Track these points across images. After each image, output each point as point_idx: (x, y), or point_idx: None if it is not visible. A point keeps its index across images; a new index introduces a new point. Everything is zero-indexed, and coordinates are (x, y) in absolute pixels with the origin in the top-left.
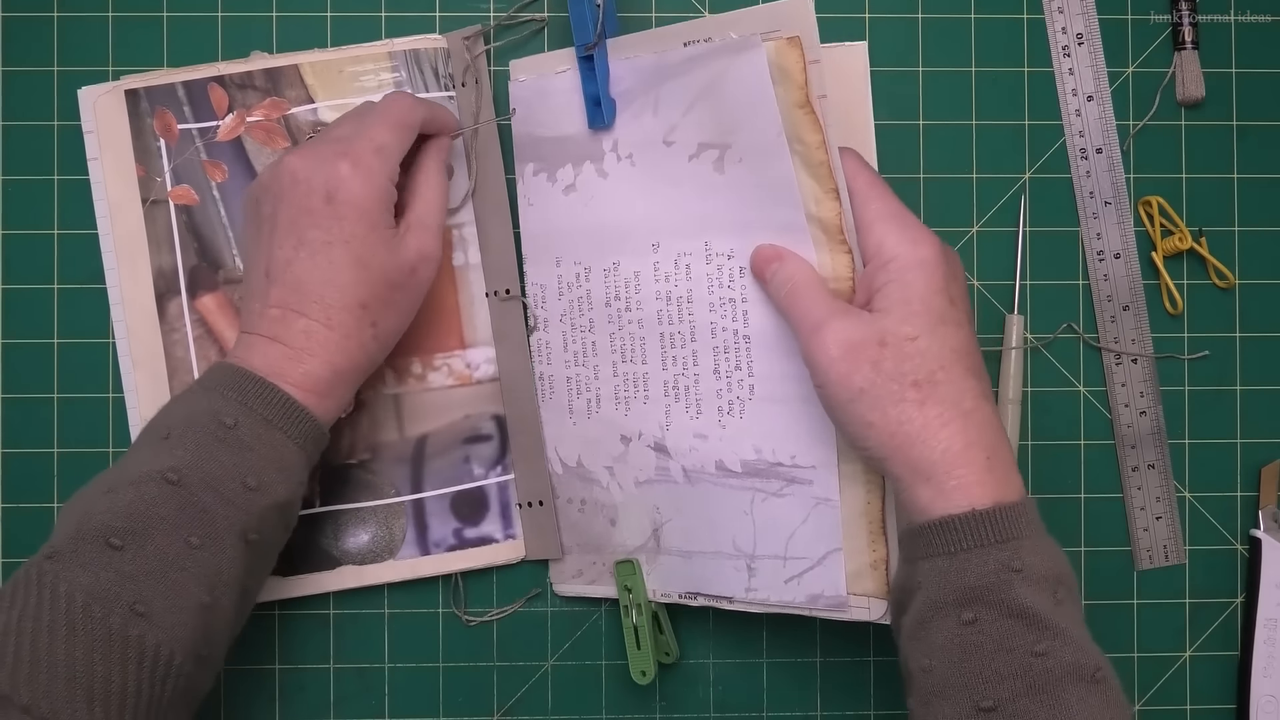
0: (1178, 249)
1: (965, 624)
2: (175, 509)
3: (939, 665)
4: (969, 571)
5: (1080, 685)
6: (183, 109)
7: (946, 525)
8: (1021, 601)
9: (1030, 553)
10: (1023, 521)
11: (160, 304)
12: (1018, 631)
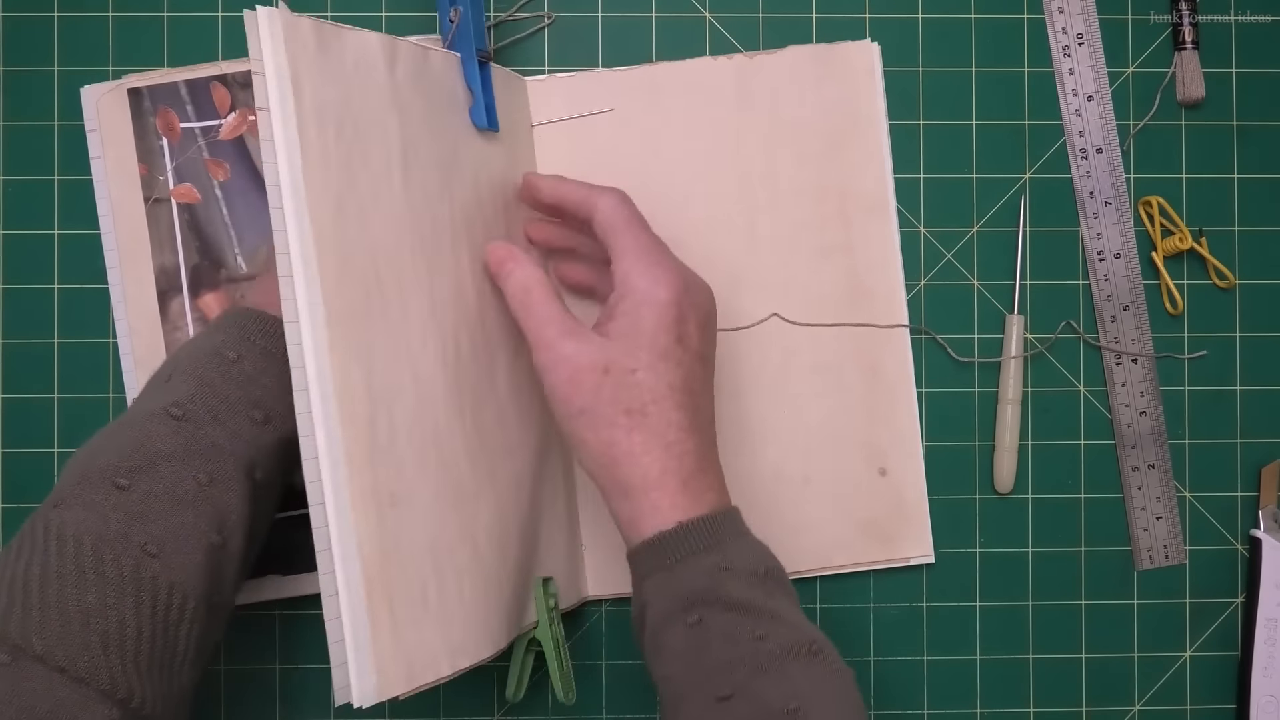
0: (1178, 249)
1: (691, 626)
2: (182, 445)
3: (676, 670)
4: (686, 578)
5: (800, 659)
6: (185, 107)
7: (658, 542)
8: (736, 595)
9: (737, 553)
10: (725, 528)
11: (162, 302)
12: (739, 622)
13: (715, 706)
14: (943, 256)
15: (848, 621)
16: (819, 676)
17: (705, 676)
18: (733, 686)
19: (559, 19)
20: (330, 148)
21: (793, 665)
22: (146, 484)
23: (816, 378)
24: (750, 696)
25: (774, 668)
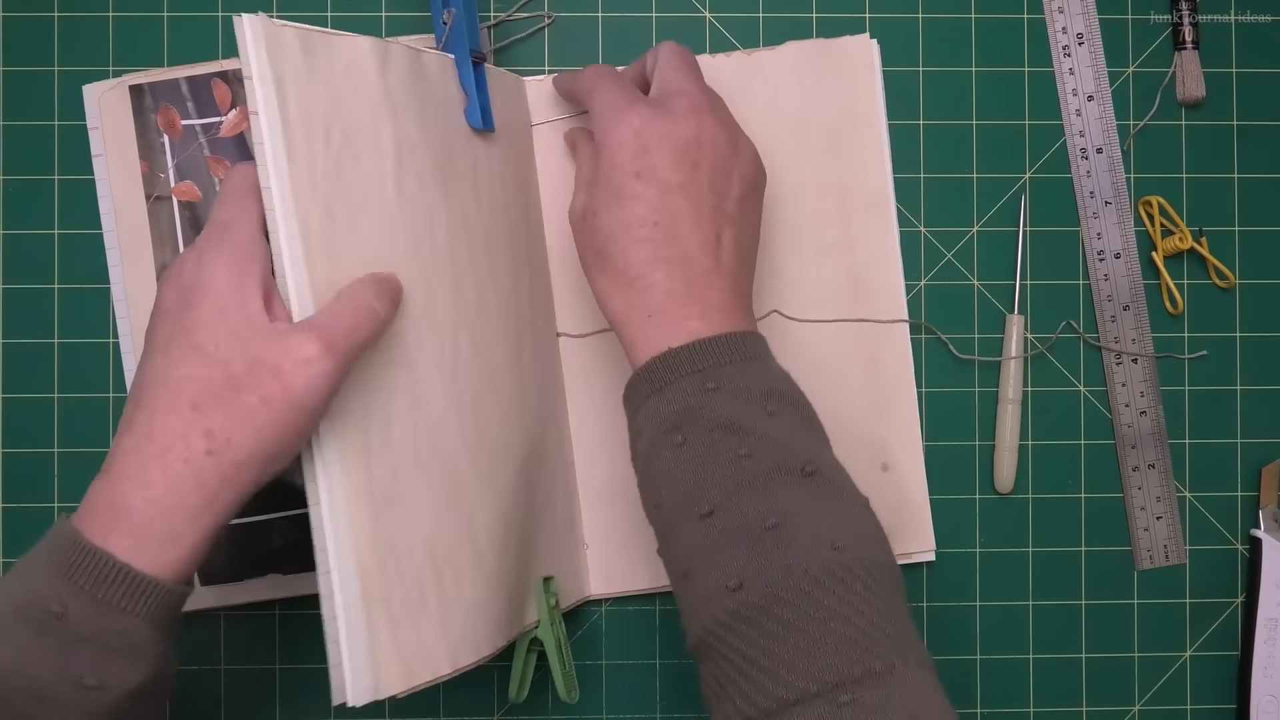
0: (1178, 249)
1: (677, 446)
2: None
3: (666, 493)
4: (672, 400)
5: (789, 478)
6: (186, 104)
7: (644, 371)
8: (722, 414)
9: (730, 374)
10: (716, 353)
11: None
12: (722, 440)
13: (697, 524)
14: (943, 256)
15: None
16: (809, 496)
17: (689, 495)
18: (712, 503)
19: (559, 19)
20: (318, 153)
21: (778, 483)
22: None
23: (818, 374)
24: (729, 510)
25: (756, 484)
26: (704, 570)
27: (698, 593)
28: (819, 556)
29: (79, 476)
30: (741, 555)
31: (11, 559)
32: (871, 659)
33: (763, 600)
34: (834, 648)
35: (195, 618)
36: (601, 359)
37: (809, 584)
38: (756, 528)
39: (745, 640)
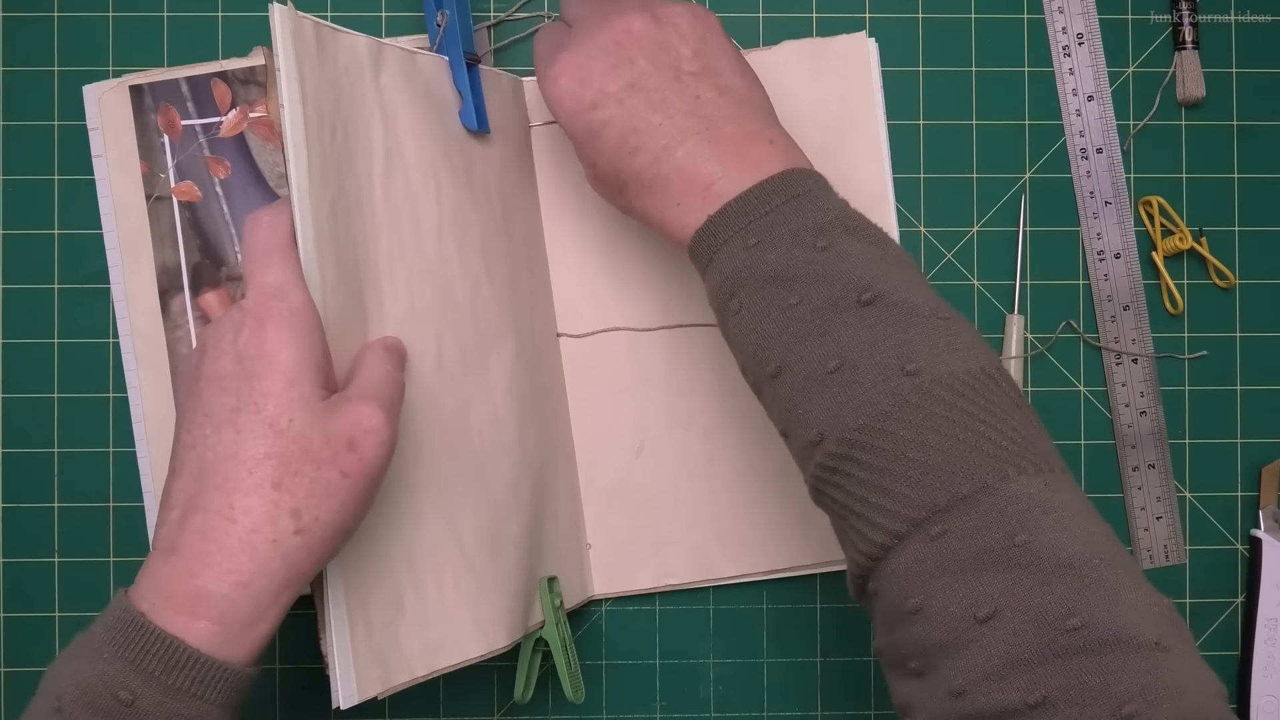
0: (1178, 249)
1: (736, 313)
2: None
3: (742, 360)
4: (721, 268)
5: (845, 313)
6: (186, 105)
7: (692, 252)
8: (768, 267)
9: (770, 223)
10: (750, 204)
11: (163, 301)
12: (772, 295)
13: (772, 385)
14: (943, 256)
15: (853, 619)
16: (869, 326)
17: (757, 359)
18: (778, 361)
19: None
20: (327, 150)
21: (833, 321)
22: None
23: None
24: (792, 364)
25: (812, 330)
26: (793, 428)
27: (795, 451)
28: (889, 386)
29: (78, 476)
30: (815, 406)
31: (11, 559)
32: (958, 482)
33: (840, 447)
34: (916, 480)
35: None
36: (602, 358)
37: (879, 419)
38: (820, 374)
39: (840, 490)
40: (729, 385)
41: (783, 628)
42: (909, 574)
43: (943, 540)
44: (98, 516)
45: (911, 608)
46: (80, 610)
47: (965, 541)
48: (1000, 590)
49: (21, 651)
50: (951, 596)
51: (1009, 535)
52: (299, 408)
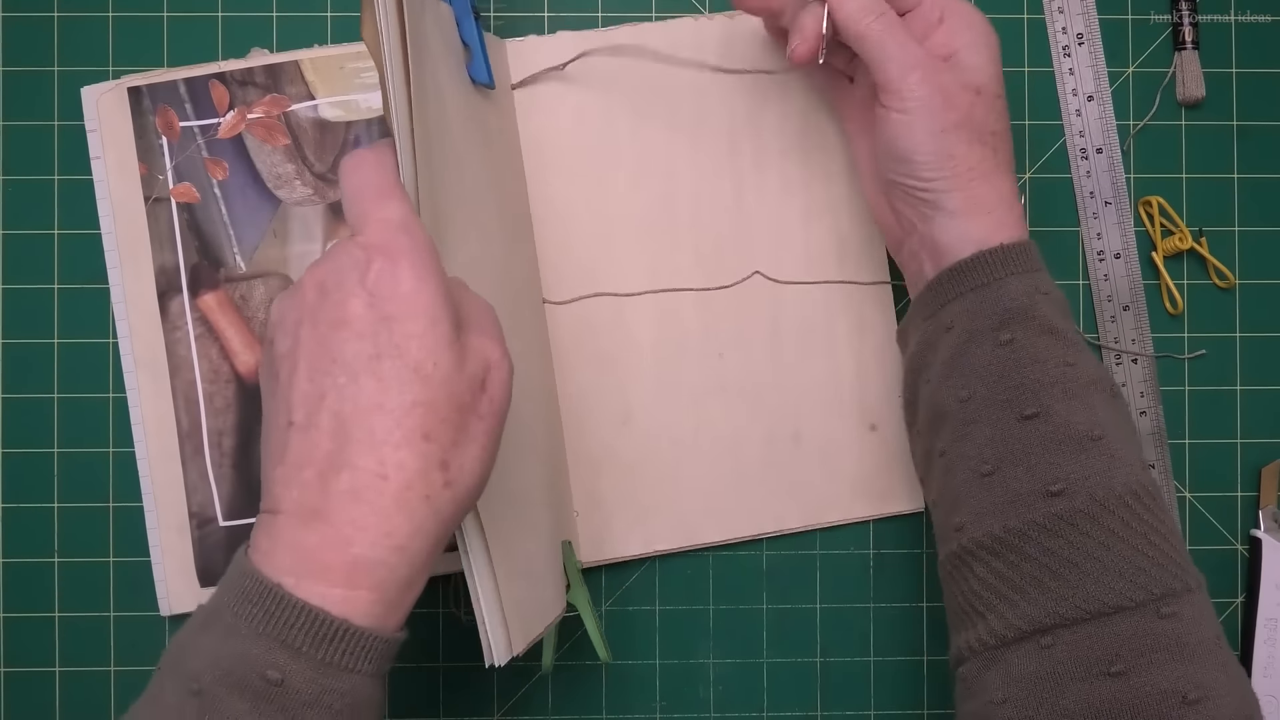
0: (1178, 249)
1: (1002, 344)
2: None
3: (979, 389)
4: (1005, 295)
5: (1104, 394)
6: (184, 106)
7: (981, 260)
8: (1051, 320)
9: (1050, 282)
10: (1039, 256)
11: (162, 302)
12: (1050, 345)
13: (1016, 425)
14: None
15: (854, 619)
16: (1119, 413)
17: (1011, 395)
18: (1039, 406)
19: (555, 18)
20: (416, 85)
21: (1097, 398)
22: None
23: (805, 337)
24: (1055, 417)
25: (1079, 394)
26: (1016, 470)
27: (1000, 493)
28: (1136, 473)
29: (78, 476)
30: (1068, 461)
31: (11, 559)
32: (1185, 575)
33: (1088, 507)
34: (1156, 561)
35: None
36: (588, 325)
37: (1130, 498)
38: (1082, 437)
39: (1067, 544)
40: (715, 352)
41: (783, 628)
42: (1126, 638)
43: (1170, 621)
44: (98, 516)
45: (1115, 671)
46: (80, 610)
47: (1186, 628)
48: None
49: (21, 651)
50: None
51: (1216, 635)
52: (443, 349)
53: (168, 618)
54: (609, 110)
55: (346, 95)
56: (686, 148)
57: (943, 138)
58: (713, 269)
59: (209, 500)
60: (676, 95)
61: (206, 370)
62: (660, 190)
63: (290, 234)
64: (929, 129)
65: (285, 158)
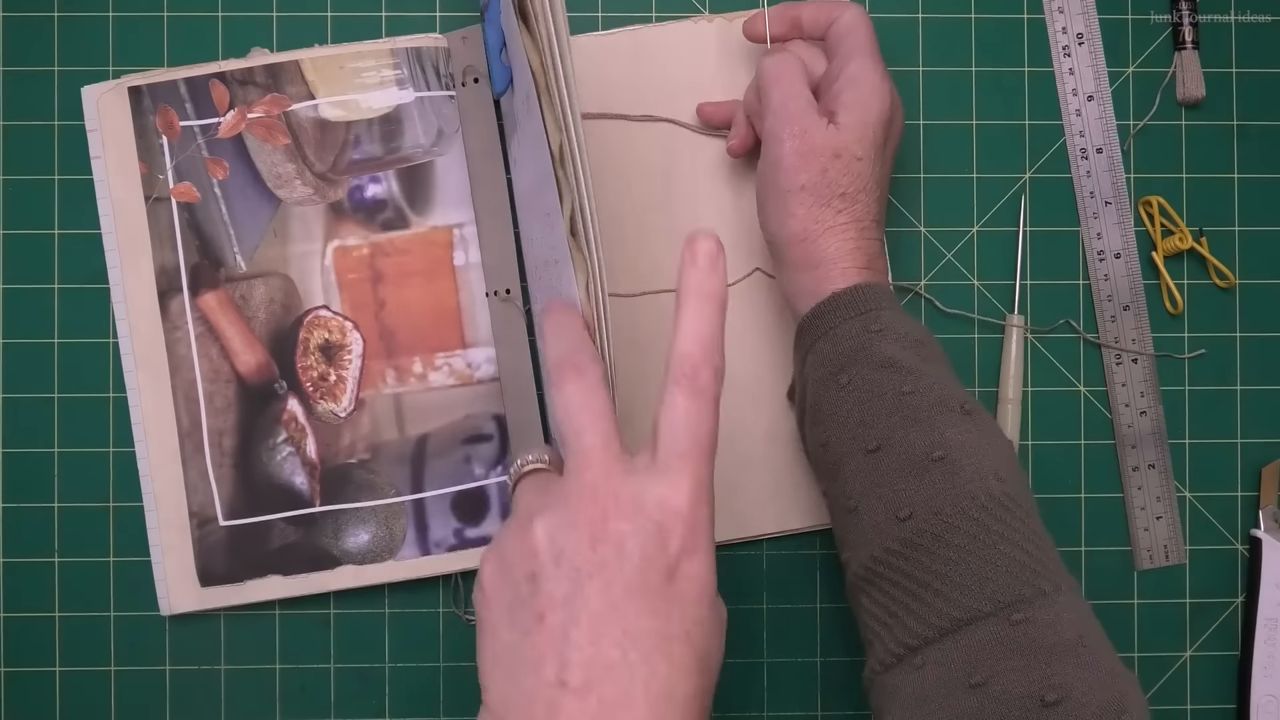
0: (1178, 249)
1: (842, 387)
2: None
3: (833, 433)
4: (840, 341)
5: (950, 415)
6: (184, 106)
7: (817, 312)
8: (885, 354)
9: (889, 318)
10: (880, 296)
11: (162, 302)
12: (886, 378)
13: (864, 460)
14: (943, 256)
15: (853, 618)
16: (969, 430)
17: (855, 433)
18: (879, 438)
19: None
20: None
21: (941, 419)
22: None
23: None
24: (896, 445)
25: (921, 419)
26: (872, 503)
27: (865, 525)
28: (985, 486)
29: (78, 476)
30: (911, 486)
31: (12, 559)
32: (1040, 580)
33: (934, 527)
34: (1005, 570)
35: (195, 618)
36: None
37: (978, 511)
38: (924, 459)
39: (917, 565)
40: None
41: (783, 627)
42: (980, 649)
43: (1022, 626)
44: (98, 516)
45: (975, 683)
46: (80, 610)
47: (1041, 631)
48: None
49: (21, 651)
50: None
51: (1078, 634)
52: (714, 632)
53: (167, 617)
54: (609, 111)
55: (347, 95)
56: (686, 146)
57: (786, 197)
58: None
59: (209, 500)
60: (676, 96)
61: (207, 370)
62: (660, 189)
63: (290, 233)
64: (778, 186)
65: (285, 157)
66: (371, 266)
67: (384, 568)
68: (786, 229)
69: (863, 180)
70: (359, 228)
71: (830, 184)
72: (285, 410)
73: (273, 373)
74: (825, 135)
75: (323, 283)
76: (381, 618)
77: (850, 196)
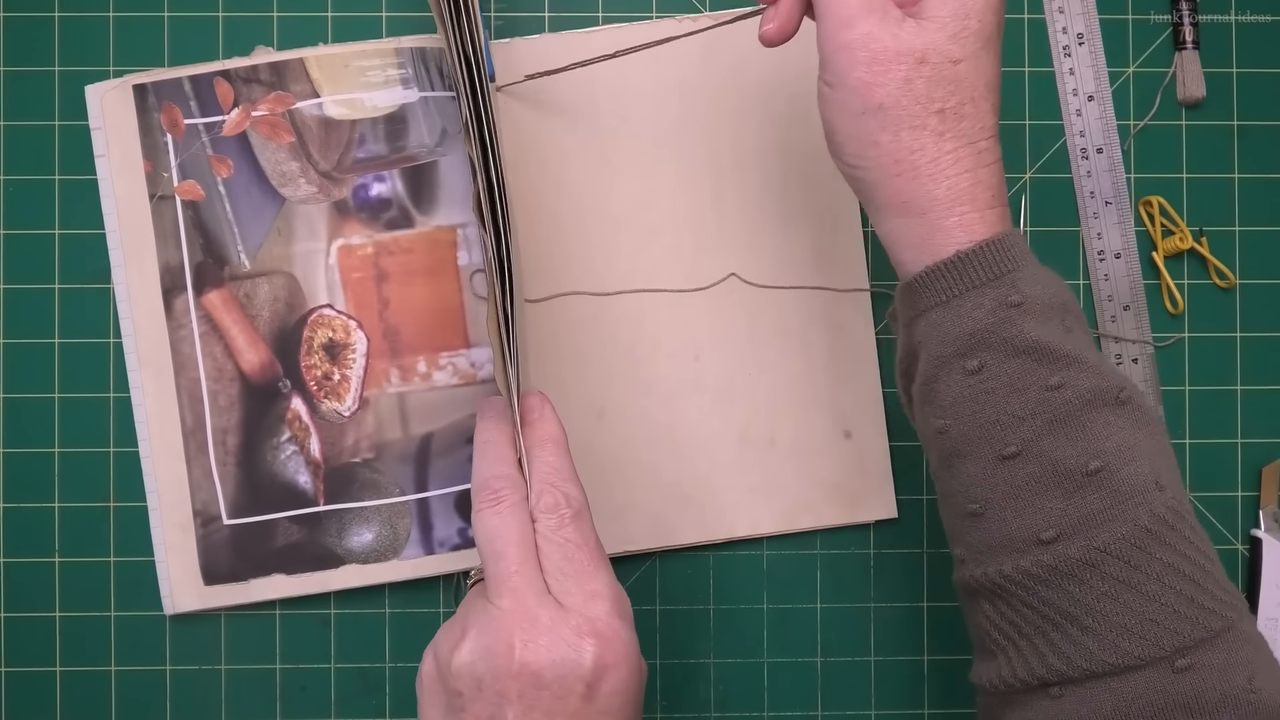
0: (1178, 249)
1: (971, 373)
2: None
3: (953, 423)
4: (966, 317)
5: (1105, 410)
6: (189, 103)
7: (934, 274)
8: (1027, 336)
9: (1028, 284)
10: (1015, 252)
11: (167, 300)
12: (1028, 369)
13: (998, 466)
14: None
15: (854, 619)
16: (1125, 429)
17: (986, 432)
18: (1019, 443)
19: (555, 18)
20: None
21: (1094, 418)
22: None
23: (782, 340)
24: (1039, 455)
25: (1070, 421)
26: (1004, 514)
27: (994, 535)
28: (1147, 502)
29: (78, 476)
30: (1058, 504)
31: (11, 559)
32: (1211, 618)
33: (1086, 555)
34: (1172, 608)
35: (195, 618)
36: (565, 322)
37: (1140, 536)
38: (1076, 473)
39: (1063, 595)
40: (691, 352)
41: (783, 628)
42: (1135, 699)
43: (1186, 675)
44: (98, 516)
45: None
46: (81, 610)
47: (1207, 680)
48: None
49: (21, 651)
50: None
51: (1249, 678)
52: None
53: (168, 617)
54: (591, 109)
55: (351, 93)
56: (668, 148)
57: (863, 121)
58: (690, 269)
59: (213, 498)
60: (659, 95)
61: (210, 368)
62: (639, 189)
63: (294, 232)
64: (848, 109)
65: (290, 155)
66: (376, 265)
67: (388, 567)
68: (869, 162)
69: (967, 88)
70: (363, 226)
71: (919, 99)
72: (289, 409)
73: (276, 371)
74: (901, 34)
75: (327, 281)
76: (382, 618)
77: (953, 112)
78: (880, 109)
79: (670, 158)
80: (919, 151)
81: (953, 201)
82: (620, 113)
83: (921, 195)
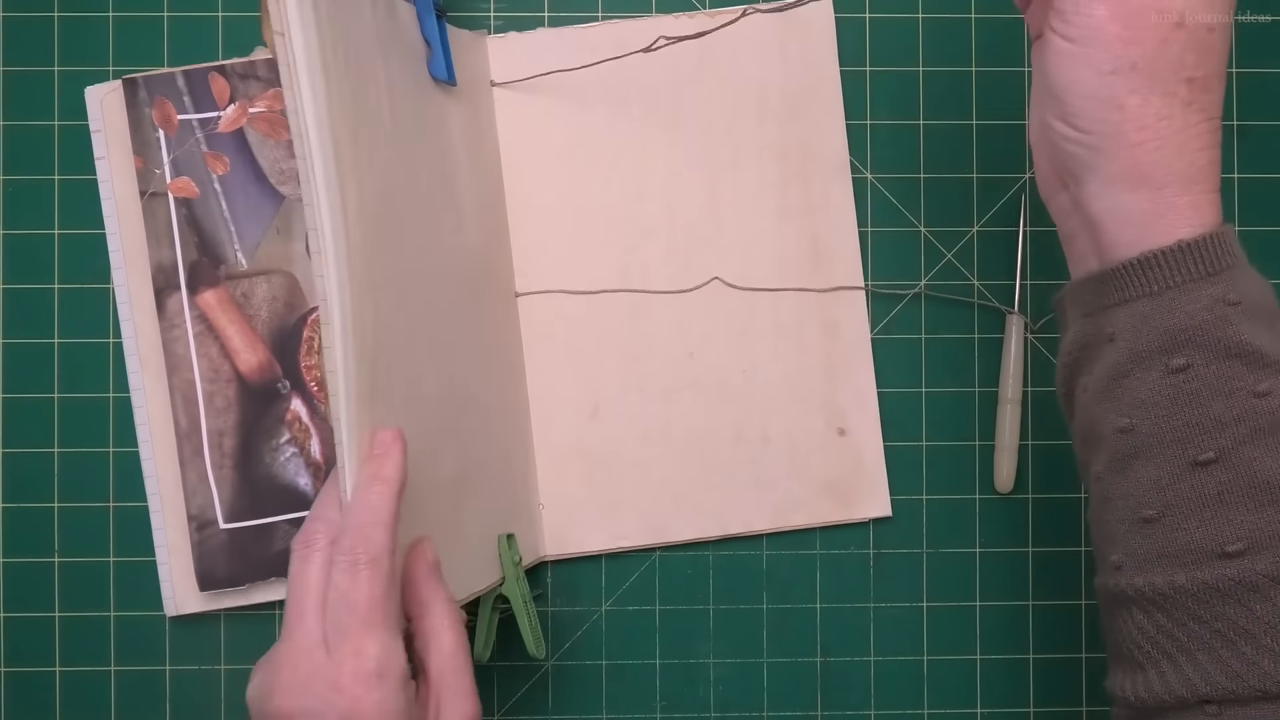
0: None
1: (1175, 371)
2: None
3: (1143, 422)
4: (1177, 311)
5: None
6: (183, 99)
7: (1148, 263)
8: (1241, 339)
9: (1244, 281)
10: (1235, 247)
11: (159, 300)
12: (1237, 373)
13: (1189, 472)
14: (943, 256)
15: (853, 619)
16: None
17: (1183, 433)
18: (1217, 449)
19: (554, 18)
20: (343, 72)
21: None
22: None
23: (776, 338)
24: (1238, 463)
25: (1277, 431)
26: (1186, 523)
27: (1167, 543)
28: None
29: (78, 476)
30: (1249, 516)
31: (11, 559)
32: None
33: (1274, 571)
34: None
35: (196, 618)
36: (558, 319)
37: None
38: (1272, 486)
39: (1246, 613)
40: (684, 349)
41: (783, 628)
42: None
43: None
44: (98, 516)
45: None
46: (80, 610)
47: None
48: None
49: (21, 651)
50: None
51: None
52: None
53: (168, 617)
54: (585, 106)
55: None
56: (662, 145)
57: (1111, 81)
58: (683, 267)
59: (209, 502)
60: (654, 93)
61: (206, 369)
62: (633, 187)
63: (294, 230)
64: (1095, 67)
65: (289, 153)
66: None
67: None
68: (1109, 128)
69: (1215, 59)
70: None
71: (1173, 63)
72: (289, 410)
73: (275, 372)
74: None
75: None
76: None
77: (1201, 83)
78: (1133, 69)
79: (666, 155)
80: (1167, 120)
81: (1191, 178)
82: (615, 109)
83: (1161, 168)
